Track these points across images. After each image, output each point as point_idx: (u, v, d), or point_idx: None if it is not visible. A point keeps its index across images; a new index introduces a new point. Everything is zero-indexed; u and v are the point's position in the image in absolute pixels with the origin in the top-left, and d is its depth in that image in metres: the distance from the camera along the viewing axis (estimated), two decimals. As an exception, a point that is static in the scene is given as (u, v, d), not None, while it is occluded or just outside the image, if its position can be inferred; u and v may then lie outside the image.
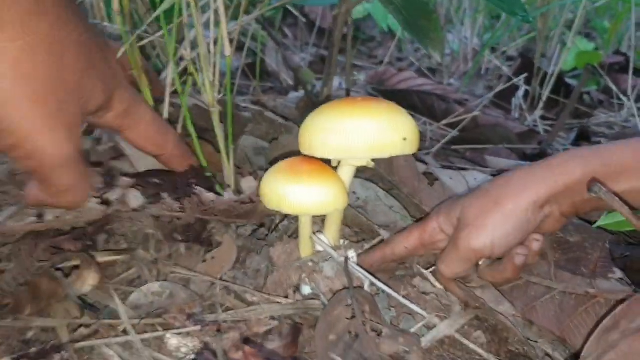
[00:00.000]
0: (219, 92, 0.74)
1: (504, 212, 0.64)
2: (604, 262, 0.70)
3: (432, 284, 0.72)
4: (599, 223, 0.72)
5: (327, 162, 0.67)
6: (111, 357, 0.62)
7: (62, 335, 0.65)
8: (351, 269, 0.69)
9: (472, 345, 0.66)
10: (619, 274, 0.68)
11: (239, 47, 1.49)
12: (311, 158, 0.66)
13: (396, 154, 0.64)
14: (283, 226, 0.77)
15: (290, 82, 1.62)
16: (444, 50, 0.81)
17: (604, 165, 0.62)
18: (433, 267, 0.74)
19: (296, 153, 0.68)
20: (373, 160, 0.67)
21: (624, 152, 0.62)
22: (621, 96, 1.72)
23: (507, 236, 0.64)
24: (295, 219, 0.76)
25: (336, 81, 1.74)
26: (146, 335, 0.64)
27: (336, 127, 0.63)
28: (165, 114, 0.78)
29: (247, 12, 1.13)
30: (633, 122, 1.63)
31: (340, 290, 0.67)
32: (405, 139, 0.64)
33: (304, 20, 1.95)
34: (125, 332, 0.65)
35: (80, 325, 0.66)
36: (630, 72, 1.67)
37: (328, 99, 0.93)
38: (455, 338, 0.67)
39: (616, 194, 0.58)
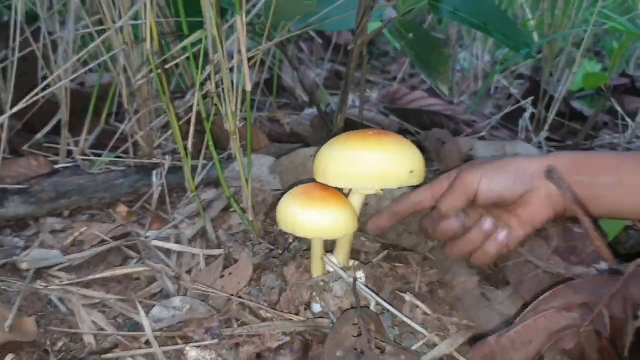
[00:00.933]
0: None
1: (501, 164, 0.74)
2: (596, 255, 0.76)
3: (425, 311, 0.77)
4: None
5: (339, 189, 0.72)
6: (136, 367, 0.67)
7: (89, 346, 0.71)
8: (359, 290, 0.74)
9: (469, 364, 0.71)
10: (604, 266, 0.74)
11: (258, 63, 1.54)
12: (324, 185, 0.71)
13: (403, 185, 0.69)
14: (295, 247, 0.82)
15: (305, 99, 1.67)
16: (450, 85, 0.86)
17: (587, 159, 0.73)
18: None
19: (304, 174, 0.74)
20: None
21: (603, 155, 0.76)
22: (626, 117, 1.75)
23: (493, 182, 0.73)
24: (308, 240, 0.81)
25: (350, 97, 1.79)
26: (167, 348, 0.69)
27: (349, 159, 0.68)
28: (190, 142, 0.83)
29: (268, 38, 1.19)
30: (637, 144, 1.66)
31: (349, 309, 0.72)
32: (412, 172, 0.69)
33: (320, 39, 2.01)
34: (148, 343, 0.70)
35: (107, 336, 0.72)
36: None
37: (342, 125, 0.97)
38: (453, 356, 0.71)
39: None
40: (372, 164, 0.68)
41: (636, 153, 0.75)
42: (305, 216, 0.69)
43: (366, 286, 0.76)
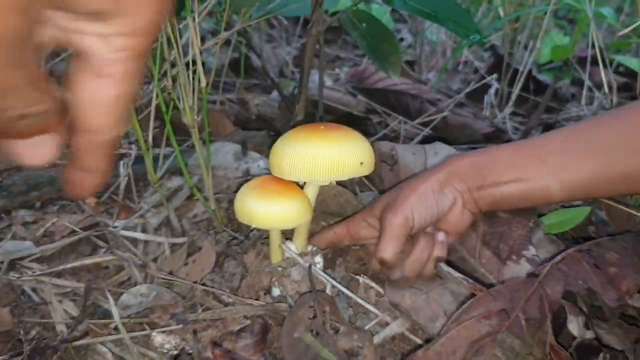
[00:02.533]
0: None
1: (417, 193, 0.75)
2: (523, 239, 0.80)
3: (378, 292, 0.81)
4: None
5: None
6: (104, 353, 0.72)
7: (61, 334, 0.75)
8: (315, 274, 0.79)
9: (419, 341, 0.76)
10: (532, 251, 0.79)
11: (226, 43, 1.55)
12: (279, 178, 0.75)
13: (353, 176, 0.73)
14: (254, 235, 0.86)
15: (275, 80, 1.69)
16: (400, 72, 0.89)
17: (489, 159, 0.75)
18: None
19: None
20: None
21: (504, 152, 0.75)
22: (593, 89, 1.80)
23: (421, 212, 0.74)
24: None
25: (316, 75, 1.81)
26: (135, 333, 0.74)
27: (300, 154, 0.72)
28: (150, 134, 0.86)
29: (229, 24, 1.20)
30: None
31: (305, 293, 0.77)
32: (362, 163, 0.73)
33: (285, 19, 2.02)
34: (117, 329, 0.75)
35: (78, 324, 0.76)
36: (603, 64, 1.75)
37: (301, 115, 1.00)
38: (404, 334, 0.77)
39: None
40: (323, 158, 0.71)
41: (531, 142, 0.77)
42: (260, 208, 0.73)
43: (323, 270, 0.81)
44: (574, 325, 0.68)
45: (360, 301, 0.79)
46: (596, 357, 0.67)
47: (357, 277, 0.83)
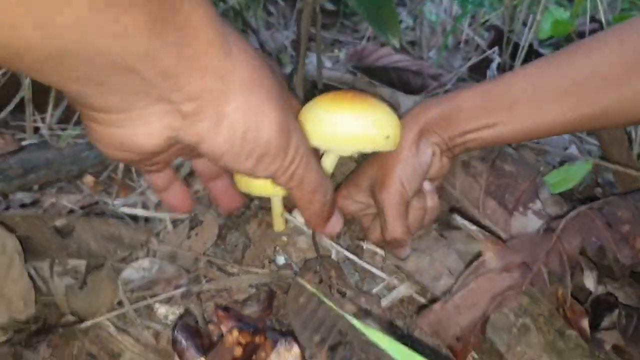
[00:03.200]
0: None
1: (400, 161, 0.70)
2: (529, 193, 0.78)
3: (383, 257, 0.79)
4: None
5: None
6: (107, 326, 0.70)
7: (63, 310, 0.73)
8: (319, 240, 0.77)
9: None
10: (539, 205, 0.76)
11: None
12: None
13: (377, 150, 0.69)
14: (255, 205, 0.84)
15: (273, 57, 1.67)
16: (399, 37, 0.87)
17: (456, 106, 0.70)
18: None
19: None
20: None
21: (472, 97, 0.70)
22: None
23: (410, 179, 0.70)
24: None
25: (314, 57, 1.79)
26: (138, 305, 0.73)
27: (322, 119, 0.67)
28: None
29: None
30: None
31: (310, 259, 0.75)
32: (387, 137, 0.69)
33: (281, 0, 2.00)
34: (120, 304, 0.73)
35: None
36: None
37: (300, 87, 0.99)
38: (413, 297, 0.75)
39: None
40: (345, 127, 0.67)
41: (501, 81, 0.71)
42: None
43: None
44: (590, 280, 0.66)
45: (367, 266, 0.77)
46: (611, 313, 0.65)
47: (361, 243, 0.81)
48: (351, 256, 0.77)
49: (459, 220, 0.77)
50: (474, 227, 0.76)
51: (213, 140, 0.49)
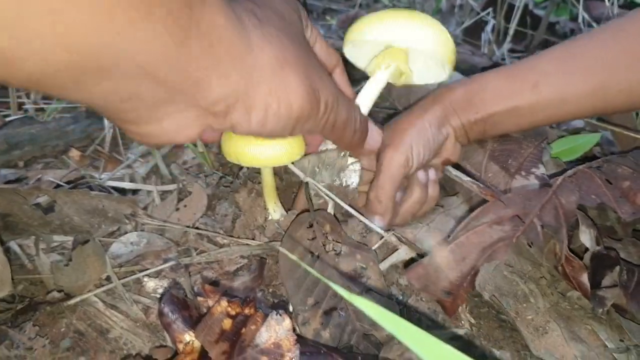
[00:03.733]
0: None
1: (416, 128, 0.70)
2: (532, 158, 0.76)
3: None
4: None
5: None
6: (95, 303, 0.68)
7: (49, 287, 0.71)
8: (315, 189, 0.73)
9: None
10: (542, 169, 0.75)
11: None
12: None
13: (443, 64, 0.69)
14: (244, 173, 0.82)
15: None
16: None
17: (480, 88, 0.71)
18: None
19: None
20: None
21: (496, 79, 0.71)
22: (593, 23, 1.73)
23: (420, 149, 0.70)
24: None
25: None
26: (126, 279, 0.70)
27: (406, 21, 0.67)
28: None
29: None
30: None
31: (302, 211, 0.72)
32: (450, 57, 0.68)
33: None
34: (108, 279, 0.71)
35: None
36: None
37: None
38: (415, 260, 0.73)
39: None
40: (428, 31, 0.66)
41: (525, 63, 0.72)
42: (248, 149, 0.68)
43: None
44: (586, 237, 0.64)
45: (365, 221, 0.73)
46: (612, 270, 0.63)
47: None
48: (349, 208, 0.73)
49: (452, 172, 0.75)
50: (467, 178, 0.74)
51: (246, 125, 0.50)
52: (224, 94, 0.46)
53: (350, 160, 0.73)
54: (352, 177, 0.74)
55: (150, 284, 0.70)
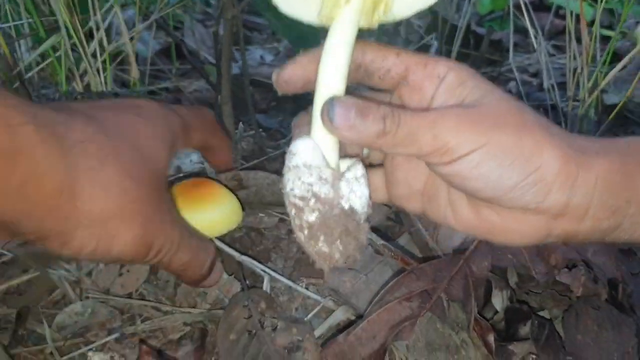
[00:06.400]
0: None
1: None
2: None
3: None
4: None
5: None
6: (39, 381, 0.70)
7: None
8: (250, 266, 0.77)
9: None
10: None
11: (158, 27, 1.49)
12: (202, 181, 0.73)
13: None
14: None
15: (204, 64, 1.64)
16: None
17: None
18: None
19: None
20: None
21: None
22: (538, 35, 1.77)
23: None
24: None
25: (257, 53, 1.77)
26: (72, 355, 0.72)
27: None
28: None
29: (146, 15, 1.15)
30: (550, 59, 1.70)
31: (238, 292, 0.76)
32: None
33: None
34: (52, 354, 0.73)
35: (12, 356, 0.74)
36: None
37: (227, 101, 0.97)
38: (352, 320, 0.76)
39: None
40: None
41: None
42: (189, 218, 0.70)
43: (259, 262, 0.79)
44: (498, 300, 0.68)
45: (301, 290, 0.77)
46: (525, 323, 0.67)
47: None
48: (285, 280, 0.77)
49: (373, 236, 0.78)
50: (381, 242, 0.77)
51: (59, 253, 0.54)
52: (33, 230, 0.51)
53: (346, 163, 0.52)
54: (356, 190, 0.52)
55: (95, 358, 0.72)
